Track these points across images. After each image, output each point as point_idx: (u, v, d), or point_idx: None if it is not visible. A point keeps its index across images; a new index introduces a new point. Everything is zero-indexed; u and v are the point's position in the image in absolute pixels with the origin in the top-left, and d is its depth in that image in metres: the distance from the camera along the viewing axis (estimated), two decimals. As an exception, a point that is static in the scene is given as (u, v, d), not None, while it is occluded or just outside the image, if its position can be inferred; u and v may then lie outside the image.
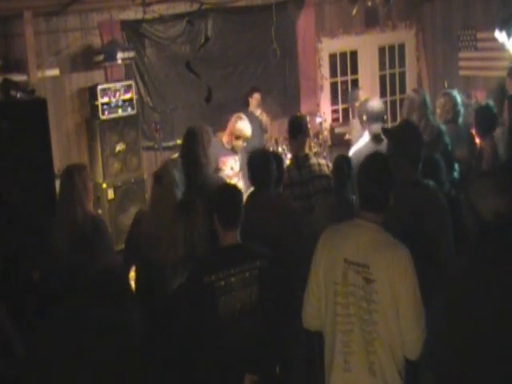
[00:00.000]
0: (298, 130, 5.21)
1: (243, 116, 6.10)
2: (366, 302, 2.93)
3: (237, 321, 3.35)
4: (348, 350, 2.99)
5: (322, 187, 4.98)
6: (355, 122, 6.53)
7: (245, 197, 4.02)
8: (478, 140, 5.78)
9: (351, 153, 5.47)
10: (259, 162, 4.31)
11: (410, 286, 2.88)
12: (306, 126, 5.33)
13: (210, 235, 3.64)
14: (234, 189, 3.68)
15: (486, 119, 5.57)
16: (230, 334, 3.34)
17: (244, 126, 5.99)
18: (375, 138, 5.33)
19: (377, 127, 5.34)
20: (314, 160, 5.19)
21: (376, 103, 5.67)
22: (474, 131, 5.86)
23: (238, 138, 5.96)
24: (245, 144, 6.03)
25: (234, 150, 5.99)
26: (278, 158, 4.71)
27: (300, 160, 5.10)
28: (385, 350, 2.92)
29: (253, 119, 7.09)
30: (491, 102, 5.88)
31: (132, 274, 4.31)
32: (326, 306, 3.10)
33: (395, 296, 2.88)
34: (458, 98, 5.96)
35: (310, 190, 5.01)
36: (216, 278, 3.31)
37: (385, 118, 5.60)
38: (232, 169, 5.95)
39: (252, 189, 4.43)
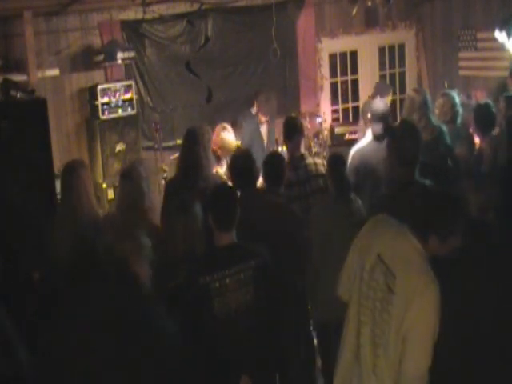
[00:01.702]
0: (293, 131, 5.22)
1: (228, 127, 5.95)
2: (381, 306, 2.86)
3: (233, 321, 3.35)
4: (359, 343, 2.94)
5: (319, 187, 4.98)
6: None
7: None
8: (477, 140, 5.78)
9: (353, 151, 5.48)
10: (242, 163, 4.31)
11: (423, 323, 2.75)
12: (300, 127, 5.34)
13: (208, 234, 3.64)
14: (228, 191, 3.66)
15: (484, 118, 5.58)
16: (227, 334, 3.34)
17: (228, 136, 5.84)
18: (377, 137, 5.35)
19: (380, 127, 5.36)
20: (310, 160, 5.20)
21: (382, 103, 5.70)
22: (472, 130, 5.86)
23: (220, 148, 5.78)
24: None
25: (218, 158, 5.79)
26: (280, 158, 4.71)
27: (296, 160, 5.10)
28: (387, 362, 2.83)
29: (255, 121, 7.09)
30: (490, 101, 5.89)
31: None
32: (354, 284, 3.04)
33: (405, 322, 2.76)
34: (457, 99, 5.96)
35: (307, 189, 5.01)
36: (211, 279, 3.32)
37: (389, 118, 5.61)
38: (217, 172, 5.83)
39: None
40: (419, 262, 2.84)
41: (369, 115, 5.59)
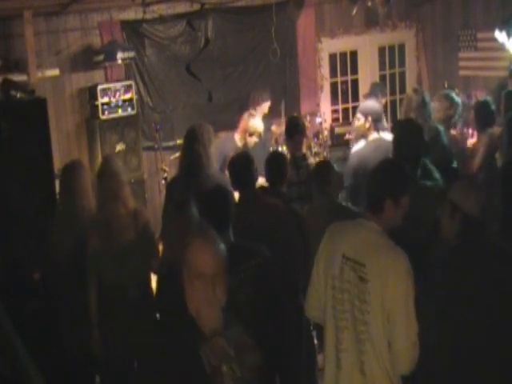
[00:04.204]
0: (294, 130, 5.23)
1: (254, 113, 6.16)
2: (359, 300, 2.91)
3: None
4: (341, 347, 2.99)
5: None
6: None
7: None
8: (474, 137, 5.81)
9: (353, 150, 5.49)
10: (240, 164, 4.32)
11: (402, 294, 2.83)
12: (302, 126, 5.36)
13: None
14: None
15: (483, 115, 5.60)
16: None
17: (257, 123, 6.11)
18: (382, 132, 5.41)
19: (381, 123, 5.41)
20: (311, 160, 5.21)
21: (372, 103, 5.77)
22: (470, 128, 5.88)
23: (251, 135, 6.06)
24: (257, 140, 6.10)
25: (246, 147, 6.05)
26: (282, 157, 4.72)
27: (297, 160, 5.11)
28: (375, 353, 2.89)
29: None
30: (489, 98, 5.90)
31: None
32: (325, 299, 3.09)
33: (386, 301, 2.84)
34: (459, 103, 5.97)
35: (308, 189, 5.02)
36: None
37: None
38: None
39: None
40: (382, 241, 2.94)
41: (370, 118, 5.58)
